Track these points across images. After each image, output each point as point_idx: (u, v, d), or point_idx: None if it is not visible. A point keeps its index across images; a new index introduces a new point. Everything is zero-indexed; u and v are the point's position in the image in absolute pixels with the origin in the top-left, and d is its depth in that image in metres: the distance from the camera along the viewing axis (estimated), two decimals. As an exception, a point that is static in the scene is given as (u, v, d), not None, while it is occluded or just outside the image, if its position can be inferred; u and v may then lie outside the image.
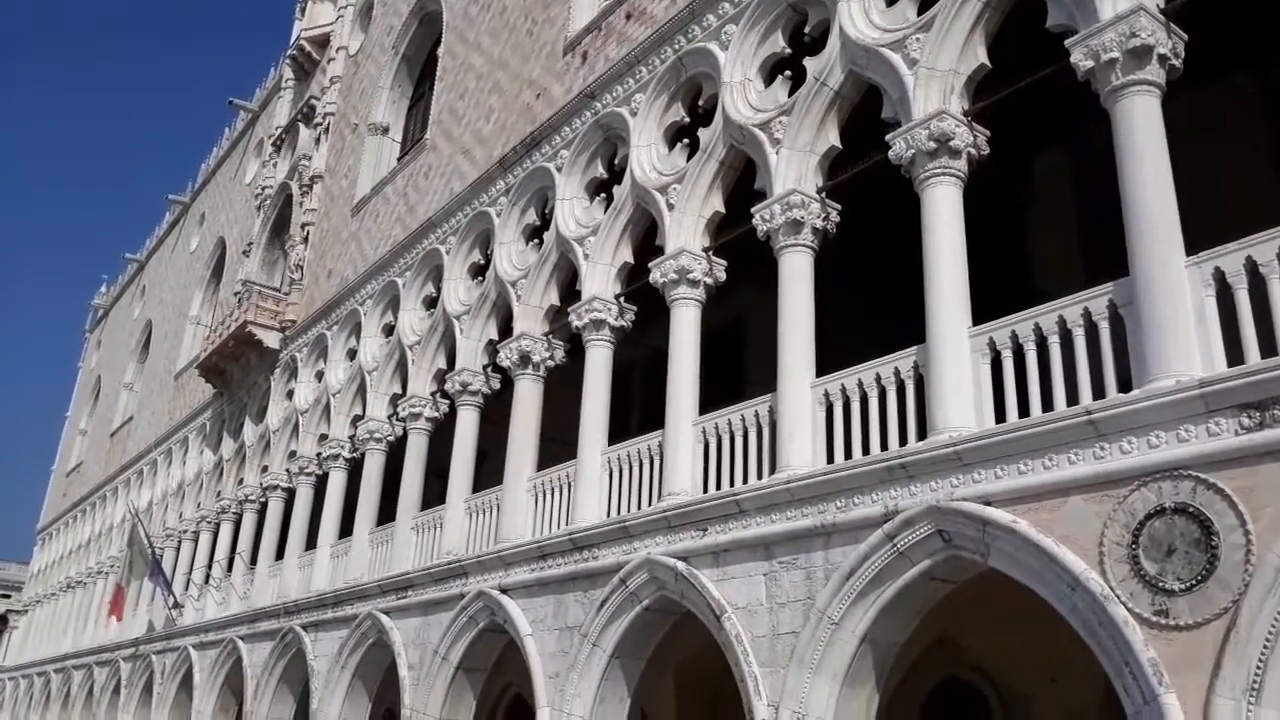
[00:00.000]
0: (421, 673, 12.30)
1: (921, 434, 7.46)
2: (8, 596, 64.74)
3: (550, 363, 12.53)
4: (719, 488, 9.09)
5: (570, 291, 12.40)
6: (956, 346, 7.37)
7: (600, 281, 11.46)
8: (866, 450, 7.82)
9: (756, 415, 8.98)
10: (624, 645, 9.63)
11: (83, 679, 27.75)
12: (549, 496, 11.49)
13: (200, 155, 37.88)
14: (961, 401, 7.20)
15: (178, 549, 24.14)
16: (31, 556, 65.67)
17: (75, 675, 28.73)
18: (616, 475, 10.54)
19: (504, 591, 11.25)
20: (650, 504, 9.82)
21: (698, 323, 10.14)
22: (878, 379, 7.98)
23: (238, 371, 22.51)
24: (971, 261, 7.75)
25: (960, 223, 7.79)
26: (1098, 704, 9.74)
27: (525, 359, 12.43)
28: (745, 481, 8.81)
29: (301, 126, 23.75)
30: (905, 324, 8.87)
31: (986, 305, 7.73)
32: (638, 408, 13.38)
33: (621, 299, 11.45)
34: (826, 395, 8.35)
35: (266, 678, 16.62)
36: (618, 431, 11.20)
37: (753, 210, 9.31)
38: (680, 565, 8.86)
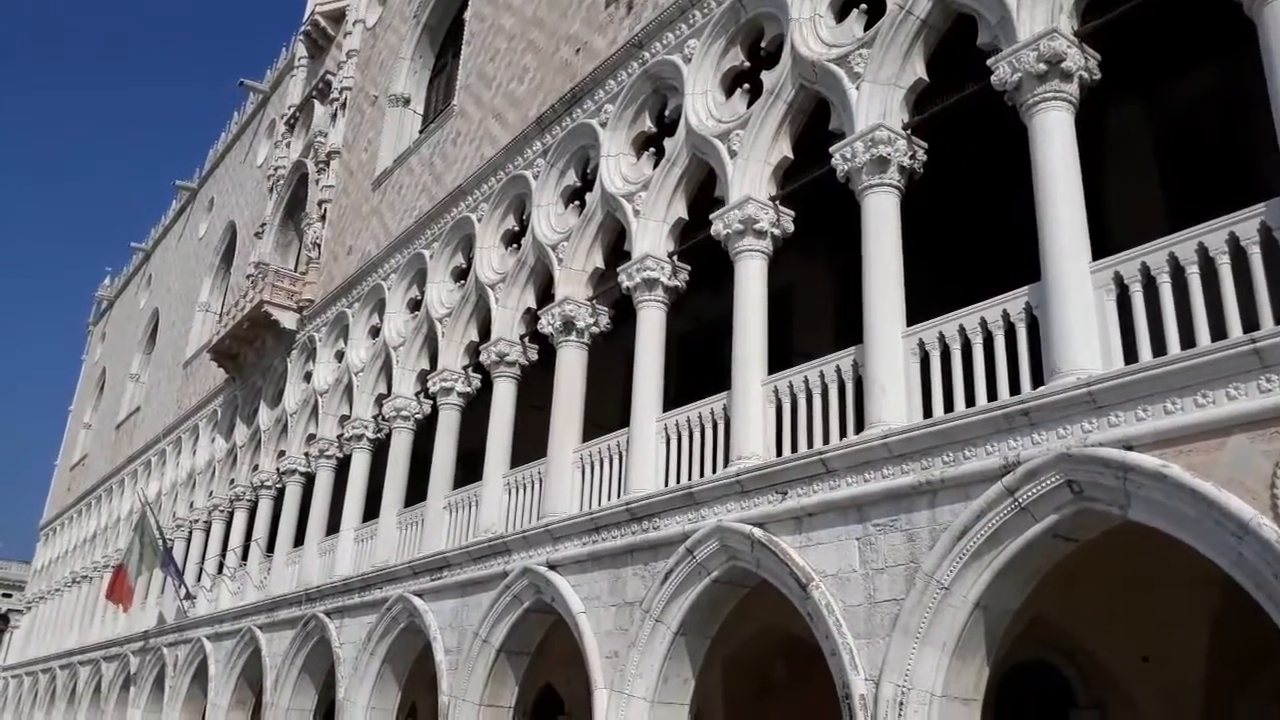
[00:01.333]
0: (460, 656, 11.60)
1: (1037, 380, 6.78)
2: (9, 595, 64.22)
3: (595, 329, 11.85)
4: (795, 449, 8.40)
5: (615, 254, 11.73)
6: (1079, 284, 6.67)
7: (652, 239, 10.78)
8: (972, 401, 7.13)
9: (838, 371, 8.29)
10: (690, 621, 8.93)
11: (90, 674, 27.03)
12: (598, 468, 10.80)
13: (206, 144, 37.23)
14: (1088, 341, 6.51)
15: (188, 539, 23.44)
16: (33, 556, 65.51)
17: (82, 671, 28.01)
18: (674, 442, 9.86)
19: (552, 568, 10.55)
20: (716, 470, 9.14)
21: (765, 276, 9.45)
22: (983, 324, 7.29)
23: (251, 355, 21.82)
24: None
25: (1075, 151, 7.11)
26: (1201, 685, 9.09)
27: (569, 325, 11.74)
28: (827, 441, 8.12)
29: (317, 103, 23.07)
30: (982, 271, 8.25)
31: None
32: (673, 381, 12.68)
33: (675, 257, 10.76)
34: (921, 345, 7.65)
35: (287, 667, 15.91)
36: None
37: (831, 149, 8.62)
38: (756, 532, 8.16)
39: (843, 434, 8.05)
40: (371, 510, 15.88)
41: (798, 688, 13.49)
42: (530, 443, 12.64)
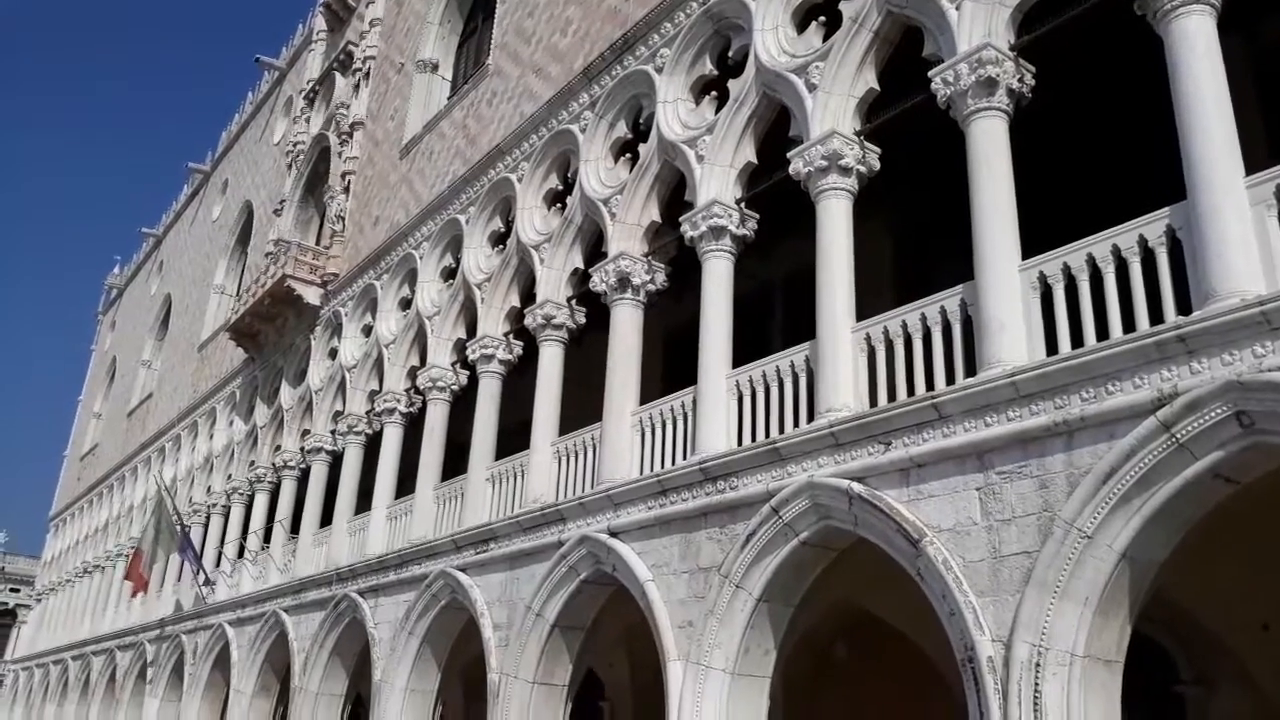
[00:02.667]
0: (511, 632, 10.95)
1: (1182, 308, 6.12)
2: (16, 590, 63.65)
3: (651, 287, 11.18)
4: (893, 398, 7.74)
5: (672, 208, 11.08)
6: (1234, 200, 6.01)
7: (718, 185, 10.11)
8: (1105, 334, 6.46)
9: (943, 312, 7.62)
10: (774, 587, 8.27)
11: (104, 664, 26.39)
12: (661, 430, 10.14)
13: (217, 127, 36.60)
14: (1248, 261, 5.85)
15: (205, 524, 22.78)
16: (40, 552, 64.90)
17: (95, 661, 27.37)
18: (749, 398, 9.20)
19: (613, 535, 9.89)
20: (799, 424, 8.48)
21: (850, 218, 8.79)
22: (1115, 251, 6.62)
23: (272, 333, 21.17)
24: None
25: (1219, 56, 6.44)
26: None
27: (624, 282, 11.08)
28: (931, 387, 7.46)
29: (338, 75, 22.42)
30: (1085, 204, 7.61)
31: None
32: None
33: (743, 204, 10.09)
34: (1043, 278, 6.99)
35: (316, 650, 15.25)
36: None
37: (931, 73, 7.95)
38: (856, 487, 7.50)
39: (950, 379, 7.39)
40: (404, 487, 15.26)
41: (860, 667, 12.86)
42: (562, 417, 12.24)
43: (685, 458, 9.49)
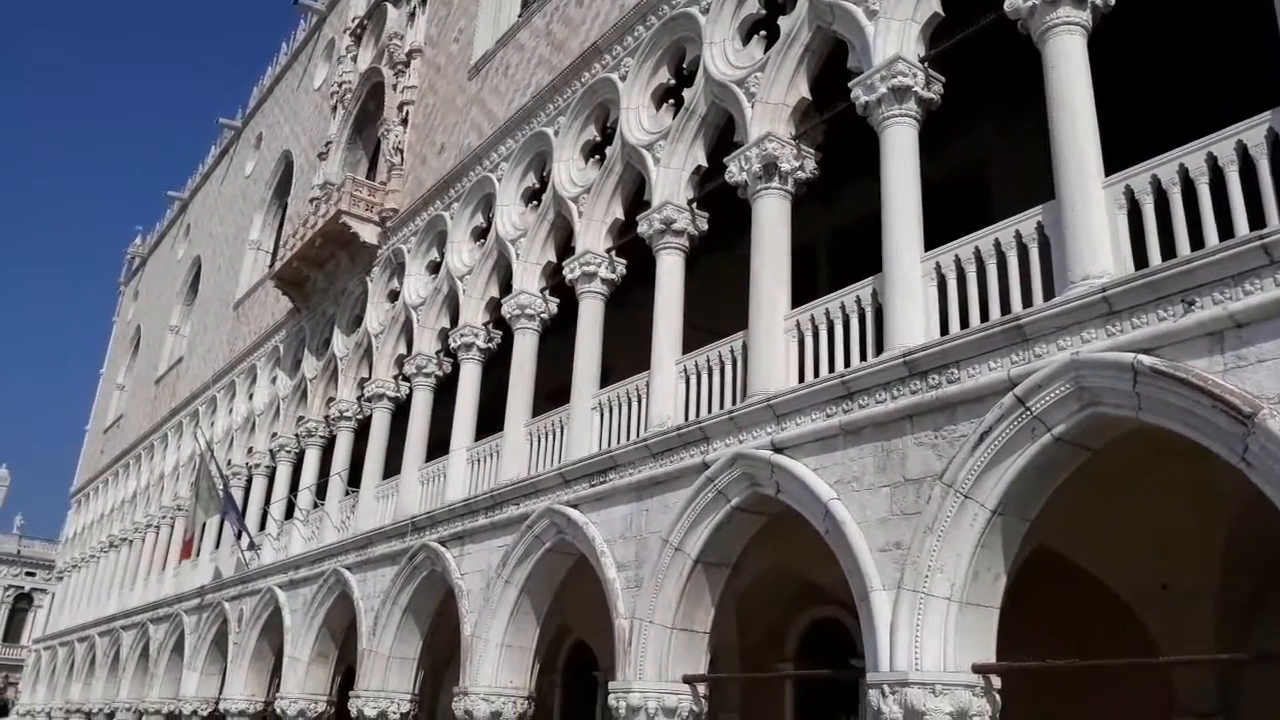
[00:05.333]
0: (643, 571, 9.47)
1: None
2: (32, 574, 62.53)
3: (800, 174, 9.67)
4: (1199, 245, 6.16)
5: (830, 78, 9.61)
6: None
7: (896, 41, 8.54)
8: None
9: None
10: (1011, 497, 6.78)
11: (135, 638, 25.02)
12: (828, 330, 8.67)
13: (240, 87, 35.17)
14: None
15: (246, 487, 21.33)
16: (55, 536, 63.76)
17: (125, 635, 26.01)
18: (954, 281, 7.72)
19: (778, 450, 8.40)
20: (1034, 302, 7.00)
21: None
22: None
23: (322, 279, 19.71)
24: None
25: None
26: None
27: (771, 168, 9.57)
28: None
29: (389, 7, 20.98)
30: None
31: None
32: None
33: (927, 64, 8.56)
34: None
35: (389, 608, 13.79)
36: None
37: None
38: (1144, 359, 5.99)
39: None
40: (485, 427, 13.84)
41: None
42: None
43: (876, 354, 8.00)
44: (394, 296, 17.24)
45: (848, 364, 8.30)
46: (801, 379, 8.74)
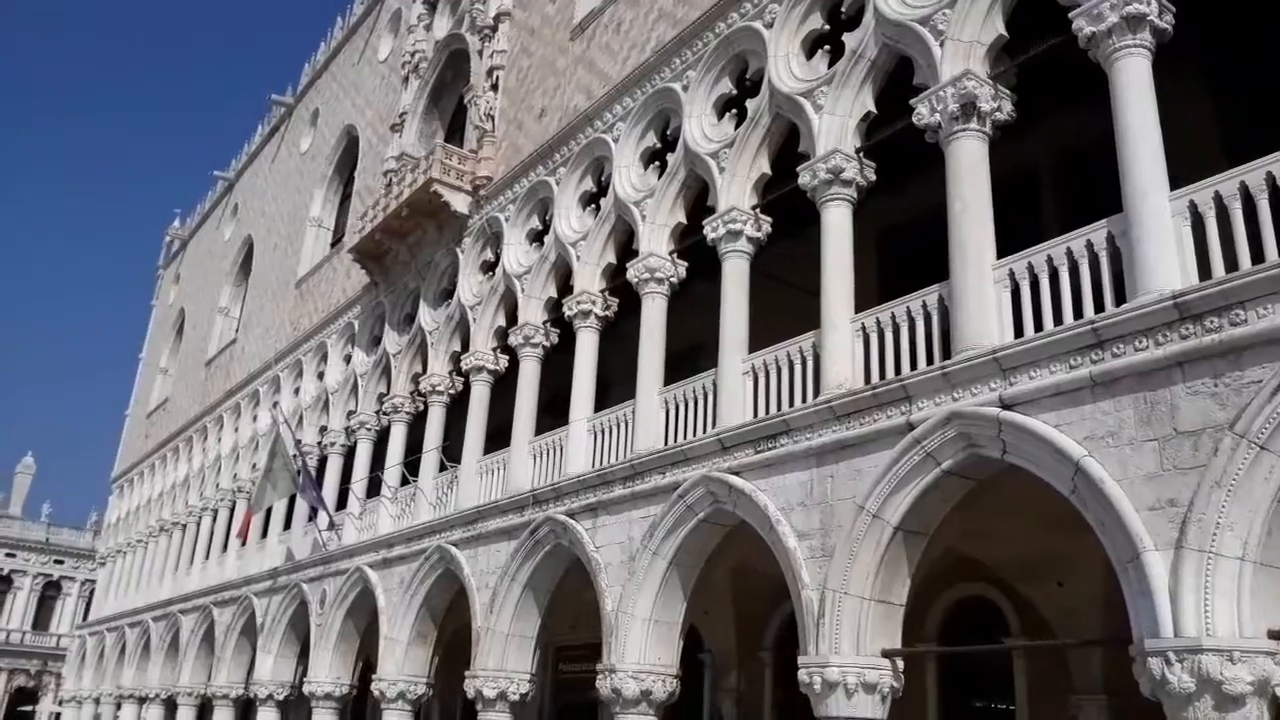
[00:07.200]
0: (831, 539, 8.88)
1: None
2: (61, 563, 62.16)
3: (999, 115, 9.05)
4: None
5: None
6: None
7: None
8: None
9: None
10: (1315, 446, 6.17)
11: (196, 622, 24.54)
12: (1051, 280, 8.05)
13: (283, 69, 34.54)
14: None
15: (320, 466, 20.78)
16: (84, 523, 63.39)
17: (184, 620, 25.54)
18: (1212, 219, 7.11)
19: (1006, 407, 7.79)
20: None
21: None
22: None
23: (404, 252, 19.12)
24: None
25: None
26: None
27: (969, 108, 8.96)
28: None
29: (469, -29, 20.33)
30: None
31: None
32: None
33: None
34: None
35: (507, 584, 13.22)
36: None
37: None
38: None
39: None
40: (601, 398, 13.31)
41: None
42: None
43: (1112, 304, 7.39)
44: (488, 267, 16.67)
45: (1079, 314, 7.67)
46: (1019, 332, 8.13)
